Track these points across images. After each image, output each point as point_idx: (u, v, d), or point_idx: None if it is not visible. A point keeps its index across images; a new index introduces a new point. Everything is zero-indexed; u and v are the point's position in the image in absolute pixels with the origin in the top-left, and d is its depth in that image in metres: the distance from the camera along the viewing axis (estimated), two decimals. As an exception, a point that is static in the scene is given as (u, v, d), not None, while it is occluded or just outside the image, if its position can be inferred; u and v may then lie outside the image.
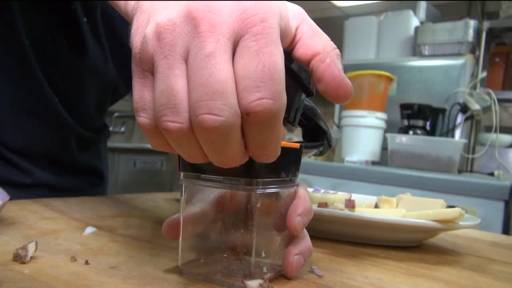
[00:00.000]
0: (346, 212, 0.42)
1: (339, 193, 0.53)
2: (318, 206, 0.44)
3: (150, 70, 0.23)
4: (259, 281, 0.26)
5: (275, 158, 0.24)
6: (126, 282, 0.27)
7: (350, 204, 0.46)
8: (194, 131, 0.22)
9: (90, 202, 0.55)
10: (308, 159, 1.86)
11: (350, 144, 1.80)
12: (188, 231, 0.30)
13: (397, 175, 1.47)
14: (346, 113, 1.82)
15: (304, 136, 0.31)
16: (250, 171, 0.26)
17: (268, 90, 0.21)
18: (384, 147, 1.84)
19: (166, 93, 0.22)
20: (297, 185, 0.31)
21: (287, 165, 0.29)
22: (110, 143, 2.43)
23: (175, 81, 0.22)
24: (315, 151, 0.32)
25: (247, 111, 0.21)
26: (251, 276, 0.27)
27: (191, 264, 0.30)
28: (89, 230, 0.39)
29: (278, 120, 0.22)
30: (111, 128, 2.85)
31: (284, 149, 0.27)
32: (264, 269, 0.29)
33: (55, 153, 0.60)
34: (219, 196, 0.29)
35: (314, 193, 0.52)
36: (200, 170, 0.28)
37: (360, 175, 1.59)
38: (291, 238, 0.30)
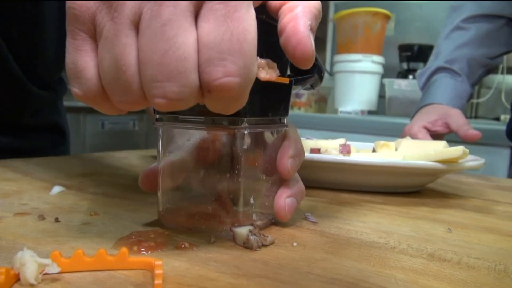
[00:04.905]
0: (341, 157, 0.43)
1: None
2: (311, 152, 0.45)
3: (89, 32, 0.21)
4: (249, 227, 0.27)
5: None
6: (103, 236, 0.27)
7: (345, 150, 0.47)
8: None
9: (55, 162, 0.55)
10: (298, 111, 1.87)
11: (344, 92, 1.81)
12: (168, 181, 0.30)
13: (396, 125, 1.49)
14: (339, 57, 1.81)
15: (292, 69, 0.31)
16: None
17: (235, 64, 0.20)
18: (381, 95, 1.85)
19: (114, 67, 0.20)
20: (287, 126, 0.31)
21: (275, 102, 0.29)
22: (74, 103, 2.38)
23: (124, 52, 0.20)
24: (305, 85, 0.32)
25: (209, 89, 0.20)
26: (240, 224, 0.28)
27: (173, 216, 0.30)
28: (57, 189, 0.40)
29: (244, 94, 0.21)
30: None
31: (272, 85, 0.27)
32: (254, 217, 0.29)
33: (12, 115, 0.59)
34: (200, 139, 0.29)
35: (306, 140, 0.52)
36: (178, 111, 0.28)
37: (356, 126, 1.60)
38: (282, 182, 0.31)
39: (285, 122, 0.31)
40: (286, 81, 0.29)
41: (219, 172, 0.29)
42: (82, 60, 0.22)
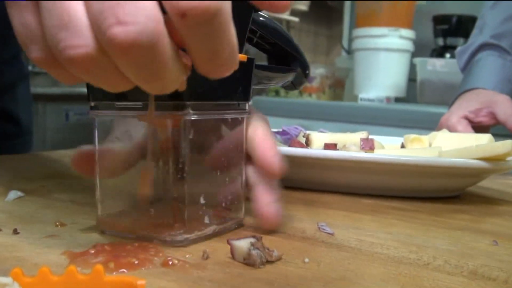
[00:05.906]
0: (362, 154, 0.43)
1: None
2: (325, 148, 0.45)
3: None
4: (250, 239, 0.27)
5: (233, 68, 0.24)
6: (72, 251, 0.28)
7: (367, 145, 0.47)
8: (109, 54, 0.22)
9: (11, 161, 0.55)
10: (308, 98, 1.87)
11: (365, 75, 1.81)
12: (105, 168, 0.31)
13: (429, 115, 1.49)
14: (359, 32, 1.81)
15: (270, 61, 0.32)
16: (178, 92, 0.26)
17: None
18: (411, 78, 1.85)
19: (55, 11, 0.21)
20: (248, 113, 0.32)
21: (230, 84, 0.30)
22: (32, 88, 2.38)
23: None
24: (285, 80, 0.33)
25: (181, 11, 0.20)
26: (185, 228, 0.29)
27: (114, 222, 0.32)
28: (13, 195, 0.40)
29: (228, 15, 0.22)
30: (30, 68, 2.78)
31: None
32: (206, 220, 0.31)
33: None
34: (138, 128, 0.30)
35: (319, 133, 0.53)
36: (115, 96, 0.28)
37: (380, 117, 1.61)
38: (257, 182, 0.32)
39: (246, 108, 0.32)
40: (244, 58, 0.29)
41: (161, 168, 0.29)
42: (33, 19, 0.22)
